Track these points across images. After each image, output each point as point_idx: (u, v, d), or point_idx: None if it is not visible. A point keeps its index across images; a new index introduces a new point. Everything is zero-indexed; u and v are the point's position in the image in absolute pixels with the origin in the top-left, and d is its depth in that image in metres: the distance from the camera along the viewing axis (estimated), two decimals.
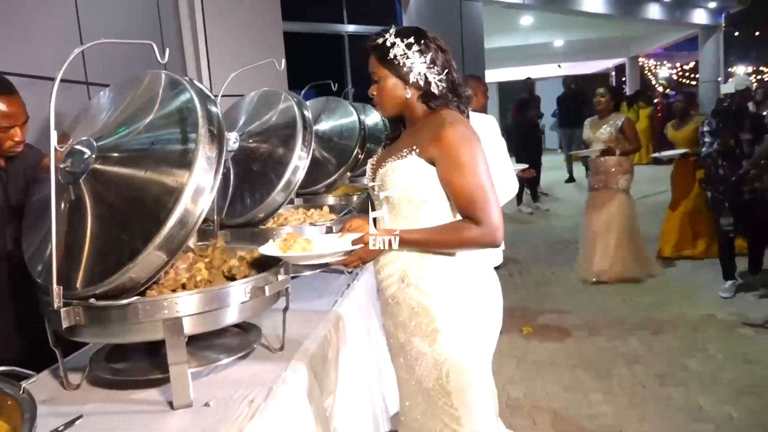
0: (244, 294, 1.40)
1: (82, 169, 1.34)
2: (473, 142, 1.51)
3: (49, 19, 2.92)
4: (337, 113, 3.25)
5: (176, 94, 1.39)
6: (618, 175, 4.75)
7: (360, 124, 3.13)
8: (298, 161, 2.19)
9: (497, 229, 1.50)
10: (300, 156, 2.19)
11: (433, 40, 1.58)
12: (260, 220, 2.29)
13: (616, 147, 4.68)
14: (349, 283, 2.37)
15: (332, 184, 3.07)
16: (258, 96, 2.48)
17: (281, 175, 2.18)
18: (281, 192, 2.21)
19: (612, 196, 4.78)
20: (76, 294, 1.30)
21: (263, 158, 2.24)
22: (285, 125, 2.25)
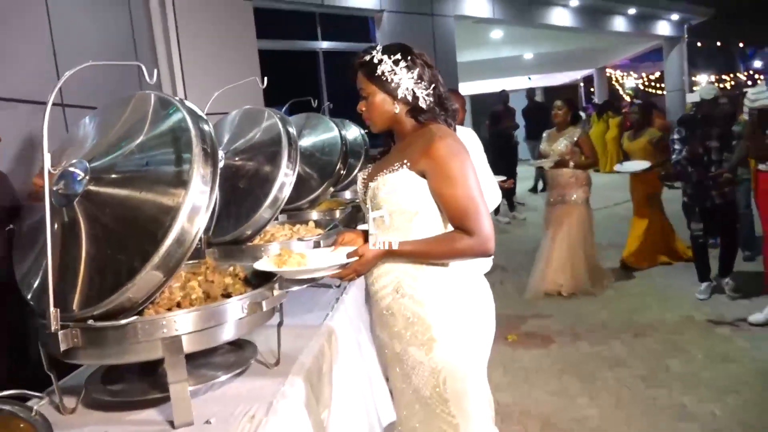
0: (242, 310, 1.41)
1: (75, 191, 1.34)
2: (463, 155, 1.56)
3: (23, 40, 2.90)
4: (318, 129, 3.28)
5: (168, 113, 1.40)
6: (574, 188, 4.74)
7: (342, 139, 3.16)
8: (284, 178, 2.20)
9: (489, 239, 1.54)
10: (286, 173, 2.21)
11: (419, 56, 1.62)
12: (247, 237, 2.30)
13: (571, 159, 4.67)
14: (338, 297, 2.38)
15: (315, 200, 3.09)
16: (241, 114, 2.50)
17: (268, 192, 2.19)
18: (268, 209, 2.22)
19: (569, 210, 4.77)
20: (73, 316, 1.30)
21: (249, 176, 2.26)
22: (270, 142, 2.27)
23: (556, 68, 18.02)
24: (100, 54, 3.44)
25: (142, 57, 4.29)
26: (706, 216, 4.36)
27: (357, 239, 1.76)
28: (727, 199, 4.30)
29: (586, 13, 11.79)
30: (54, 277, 1.26)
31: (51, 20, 3.11)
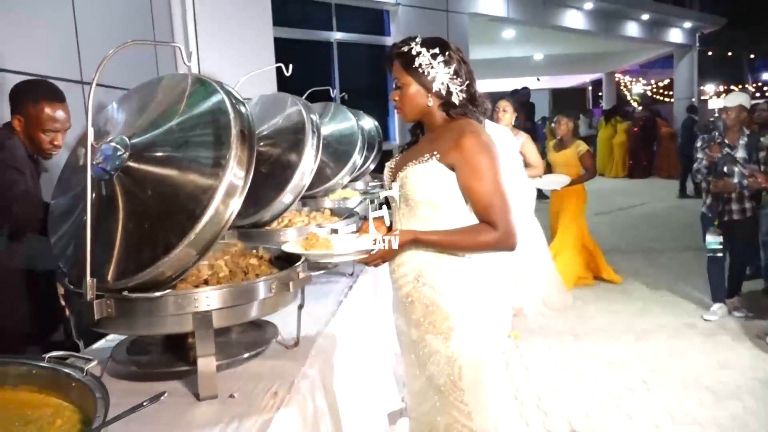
0: (269, 290, 1.45)
1: (115, 166, 1.37)
2: (492, 151, 1.59)
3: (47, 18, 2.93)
4: (336, 118, 3.32)
5: (207, 95, 1.43)
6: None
7: (359, 129, 3.19)
8: (306, 165, 2.24)
9: (513, 234, 1.58)
10: (308, 160, 2.25)
11: (457, 52, 1.66)
12: (266, 222, 2.34)
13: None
14: (351, 285, 2.42)
15: (331, 188, 3.13)
16: (264, 99, 2.54)
17: (289, 179, 2.23)
18: (289, 194, 2.26)
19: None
20: (108, 287, 1.33)
21: (271, 161, 2.29)
22: (293, 129, 2.30)
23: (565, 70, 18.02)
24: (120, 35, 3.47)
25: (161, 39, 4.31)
26: (725, 229, 4.05)
27: (381, 226, 1.80)
28: (746, 215, 3.99)
29: (599, 16, 11.80)
30: (92, 248, 1.29)
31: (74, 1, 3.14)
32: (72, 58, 3.12)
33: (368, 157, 3.58)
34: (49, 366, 0.95)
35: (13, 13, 2.67)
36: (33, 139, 2.03)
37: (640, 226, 7.70)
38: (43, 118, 2.03)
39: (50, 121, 2.03)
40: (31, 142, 2.04)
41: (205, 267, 1.49)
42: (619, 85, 19.06)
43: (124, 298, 1.32)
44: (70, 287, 1.41)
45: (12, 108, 2.07)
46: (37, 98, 2.04)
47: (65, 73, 2.97)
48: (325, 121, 3.26)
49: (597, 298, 4.76)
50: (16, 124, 2.04)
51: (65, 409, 0.87)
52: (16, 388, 0.93)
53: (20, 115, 2.04)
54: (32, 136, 2.04)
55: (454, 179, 1.60)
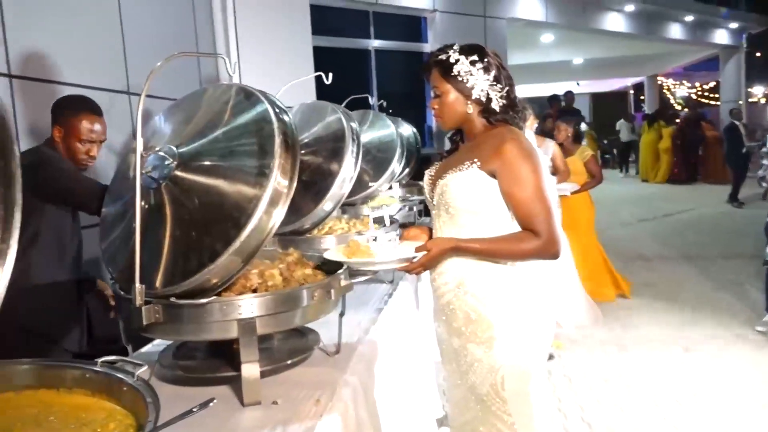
0: (312, 297, 1.46)
1: (164, 174, 1.41)
2: (534, 158, 1.58)
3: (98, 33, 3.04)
4: (375, 126, 3.34)
5: (251, 104, 1.46)
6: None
7: (398, 137, 3.20)
8: (346, 173, 2.26)
9: (556, 242, 1.56)
10: (348, 168, 2.26)
11: (495, 58, 1.65)
12: (306, 229, 2.36)
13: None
14: (391, 292, 2.42)
15: (370, 196, 3.14)
16: (305, 108, 2.57)
17: (329, 186, 2.25)
18: (329, 202, 2.28)
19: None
20: (156, 293, 1.36)
21: (311, 169, 2.32)
22: (333, 137, 2.33)
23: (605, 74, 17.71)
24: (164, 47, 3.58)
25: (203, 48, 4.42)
26: None
27: (422, 234, 1.80)
28: None
29: (641, 18, 11.56)
30: (141, 255, 1.33)
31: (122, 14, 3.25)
32: (119, 70, 3.23)
33: (407, 164, 3.59)
34: (102, 371, 0.98)
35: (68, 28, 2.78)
36: (70, 149, 2.16)
37: (686, 233, 7.48)
38: (81, 128, 2.15)
39: (88, 131, 2.15)
40: (67, 151, 2.16)
41: (254, 275, 1.51)
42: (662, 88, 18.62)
43: (172, 304, 1.35)
44: (120, 293, 1.45)
45: (53, 120, 2.19)
46: (77, 110, 2.17)
47: (112, 84, 3.08)
48: (365, 128, 3.28)
49: (642, 307, 4.64)
50: (56, 133, 2.16)
51: (117, 412, 0.89)
52: (71, 391, 0.96)
53: (60, 125, 2.16)
54: (69, 146, 2.16)
55: (496, 186, 1.59)
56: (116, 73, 3.19)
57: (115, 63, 3.19)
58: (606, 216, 5.71)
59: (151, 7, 3.61)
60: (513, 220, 1.63)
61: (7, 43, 2.38)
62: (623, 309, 4.58)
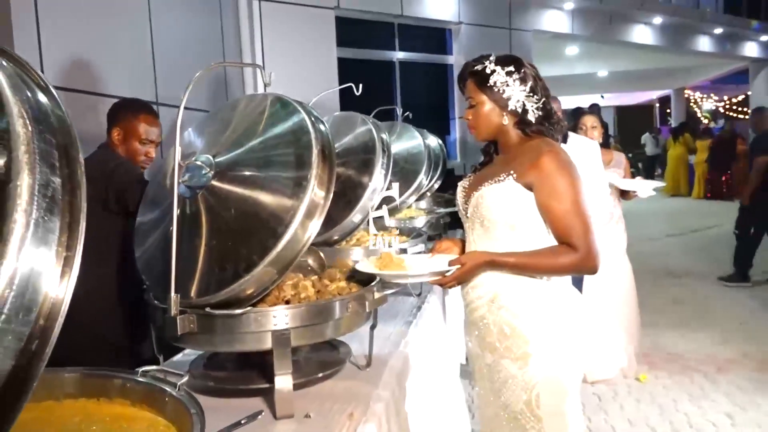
0: (346, 309, 1.45)
1: (201, 183, 1.42)
2: (572, 170, 1.56)
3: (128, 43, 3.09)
4: (403, 137, 3.34)
5: (288, 114, 1.47)
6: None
7: (426, 148, 3.19)
8: (376, 184, 2.26)
9: (594, 256, 1.53)
10: (378, 180, 2.26)
11: (531, 69, 1.64)
12: (336, 241, 2.36)
13: None
14: (419, 305, 2.41)
15: (396, 208, 3.13)
16: (335, 119, 2.57)
17: (359, 198, 2.25)
18: (358, 214, 2.28)
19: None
20: (191, 302, 1.37)
21: (341, 180, 2.31)
22: (364, 148, 2.33)
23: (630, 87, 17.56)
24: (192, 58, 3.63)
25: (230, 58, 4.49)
26: None
27: (454, 247, 1.79)
28: None
29: (669, 31, 11.45)
30: (176, 264, 1.34)
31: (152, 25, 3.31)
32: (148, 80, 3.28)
33: (433, 177, 3.58)
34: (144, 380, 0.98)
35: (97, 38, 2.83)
36: (129, 149, 2.20)
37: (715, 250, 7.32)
38: (140, 129, 2.21)
39: (147, 133, 2.21)
40: (127, 152, 2.20)
41: (288, 286, 1.51)
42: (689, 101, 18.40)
43: (207, 314, 1.35)
44: (154, 302, 1.46)
45: (111, 122, 2.24)
46: (136, 112, 2.23)
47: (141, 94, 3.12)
48: (392, 139, 3.28)
49: (670, 325, 4.54)
50: (115, 135, 2.21)
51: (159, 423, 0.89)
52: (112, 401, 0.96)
53: (119, 127, 2.21)
54: (129, 146, 2.20)
55: (532, 199, 1.58)
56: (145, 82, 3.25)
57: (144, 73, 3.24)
58: (633, 231, 5.62)
59: (179, 18, 3.67)
60: (549, 233, 1.61)
61: (42, 53, 2.44)
62: (651, 327, 4.48)
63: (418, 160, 3.20)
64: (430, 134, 4.19)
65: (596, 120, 3.76)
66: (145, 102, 2.33)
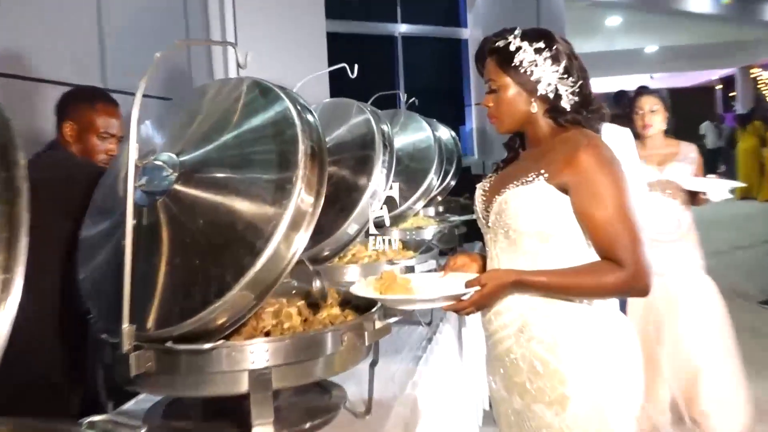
0: (341, 342, 1.45)
1: (161, 188, 1.42)
2: (616, 168, 1.57)
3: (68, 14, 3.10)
4: (408, 129, 3.36)
5: (268, 102, 1.47)
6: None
7: (437, 142, 3.21)
8: (376, 187, 2.26)
9: (645, 273, 1.53)
10: (378, 181, 2.27)
11: (565, 45, 1.65)
12: (326, 257, 2.35)
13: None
14: (431, 336, 2.40)
15: (401, 215, 3.14)
16: (324, 108, 2.58)
17: (355, 204, 2.25)
18: (354, 224, 2.27)
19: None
20: (148, 335, 1.36)
21: (334, 182, 2.31)
22: (360, 143, 2.34)
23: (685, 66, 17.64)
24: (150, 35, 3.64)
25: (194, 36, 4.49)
26: None
27: (471, 264, 1.79)
28: None
29: None
30: (130, 289, 1.33)
31: None
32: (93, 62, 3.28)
33: (446, 177, 3.59)
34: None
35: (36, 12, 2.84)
36: (86, 146, 2.21)
37: None
38: (98, 122, 2.22)
39: (106, 125, 2.23)
40: (83, 150, 2.21)
41: (268, 315, 1.51)
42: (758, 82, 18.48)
43: (168, 350, 1.34)
44: (102, 336, 1.45)
45: (62, 115, 2.25)
46: (92, 101, 2.24)
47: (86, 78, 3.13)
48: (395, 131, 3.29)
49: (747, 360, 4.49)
50: (67, 130, 2.21)
51: None
52: None
53: (72, 121, 2.22)
54: (86, 143, 2.22)
55: (568, 204, 1.58)
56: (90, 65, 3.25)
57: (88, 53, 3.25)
58: None
59: None
60: (590, 246, 1.61)
61: None
62: None
63: (426, 156, 3.21)
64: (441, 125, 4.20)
65: (657, 101, 3.58)
66: (101, 90, 2.35)
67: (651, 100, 3.61)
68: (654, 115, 3.55)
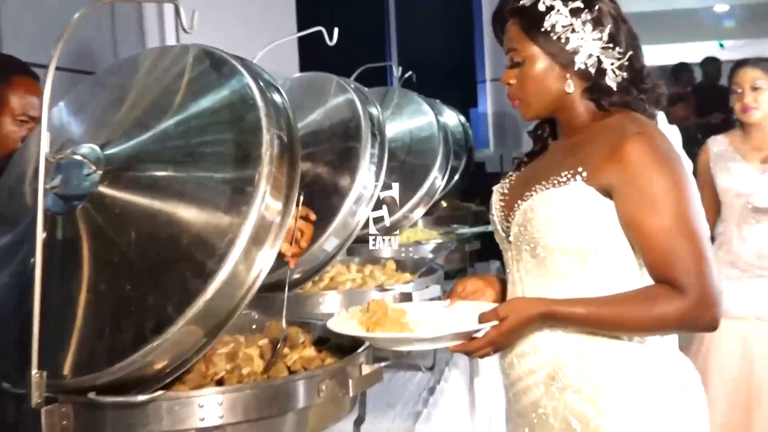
0: (317, 393, 1.46)
1: (82, 190, 1.42)
2: (675, 164, 1.60)
3: None
4: (403, 113, 3.38)
5: (222, 77, 1.48)
6: None
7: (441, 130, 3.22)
8: (362, 189, 2.27)
9: (712, 302, 1.55)
10: (366, 181, 2.28)
11: (609, 4, 1.67)
12: (297, 282, 2.36)
13: None
14: (433, 385, 2.42)
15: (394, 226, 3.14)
16: (294, 84, 2.60)
17: (334, 212, 2.26)
18: (333, 238, 2.28)
19: None
20: (64, 384, 1.37)
21: (306, 183, 2.33)
22: (342, 132, 2.35)
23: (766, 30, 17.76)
24: None
25: None
26: None
27: (486, 290, 1.81)
28: None
29: None
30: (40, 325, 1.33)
31: None
32: None
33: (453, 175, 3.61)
34: None
35: None
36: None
37: None
38: (14, 101, 2.19)
39: (24, 106, 2.19)
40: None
41: (222, 357, 1.51)
42: None
43: (91, 403, 1.34)
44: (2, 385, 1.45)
45: None
46: (6, 74, 2.21)
47: None
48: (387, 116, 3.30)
49: None
50: None
51: None
52: None
53: None
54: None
55: (613, 211, 1.60)
56: None
57: None
58: None
59: None
60: (642, 268, 1.63)
61: None
62: None
63: (427, 148, 3.22)
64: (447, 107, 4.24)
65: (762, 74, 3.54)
66: (18, 59, 2.31)
67: (753, 73, 3.56)
68: (760, 93, 3.50)
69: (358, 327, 1.66)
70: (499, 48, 1.79)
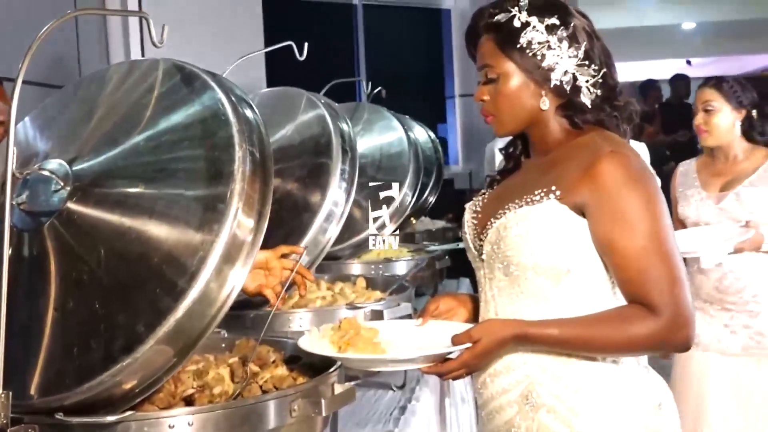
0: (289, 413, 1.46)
1: (50, 207, 1.42)
2: (648, 182, 1.62)
3: None
4: (373, 129, 3.39)
5: (193, 92, 1.48)
6: None
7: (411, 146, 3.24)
8: (333, 206, 2.28)
9: (685, 322, 1.57)
10: (337, 197, 2.29)
11: (584, 21, 1.70)
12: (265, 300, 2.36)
13: None
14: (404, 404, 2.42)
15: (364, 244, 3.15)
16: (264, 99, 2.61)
17: (305, 229, 2.27)
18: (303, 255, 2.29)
19: None
20: (31, 405, 1.36)
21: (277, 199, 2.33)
22: (313, 147, 2.36)
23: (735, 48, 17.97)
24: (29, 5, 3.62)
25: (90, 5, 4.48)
26: None
27: (458, 308, 1.82)
28: None
29: None
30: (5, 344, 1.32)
31: None
32: None
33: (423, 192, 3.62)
34: None
35: None
36: None
37: None
38: None
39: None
40: None
41: (190, 376, 1.51)
42: None
43: (58, 424, 1.34)
44: None
45: None
46: None
47: None
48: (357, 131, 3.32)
49: None
50: None
51: None
52: None
53: None
54: None
55: (586, 230, 1.62)
56: None
57: None
58: None
59: None
60: (616, 287, 1.65)
61: None
62: None
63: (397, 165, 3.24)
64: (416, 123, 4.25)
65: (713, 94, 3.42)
66: None
67: (707, 94, 3.45)
68: (711, 115, 3.40)
69: (330, 346, 1.66)
70: (468, 63, 1.80)
